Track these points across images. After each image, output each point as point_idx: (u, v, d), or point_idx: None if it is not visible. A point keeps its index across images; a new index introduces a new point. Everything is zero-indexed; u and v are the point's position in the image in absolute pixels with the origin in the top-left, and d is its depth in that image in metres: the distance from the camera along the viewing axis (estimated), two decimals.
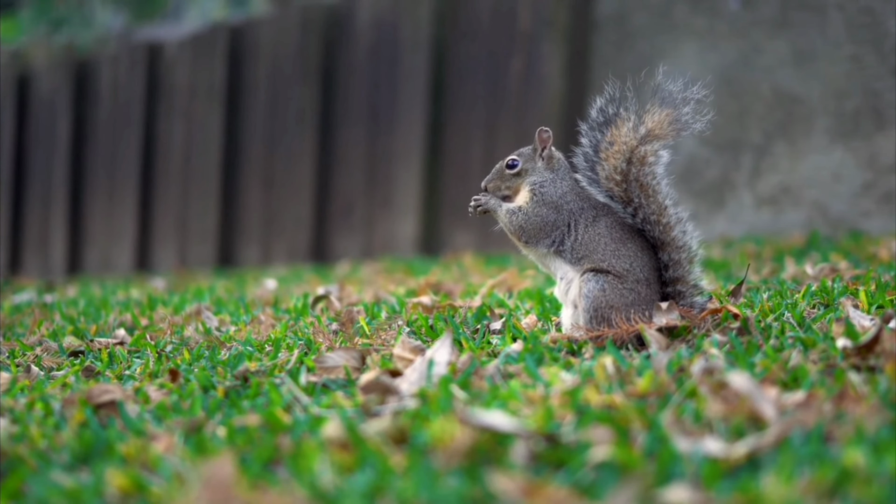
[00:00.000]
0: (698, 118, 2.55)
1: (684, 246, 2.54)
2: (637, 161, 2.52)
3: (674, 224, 2.53)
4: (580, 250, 2.48)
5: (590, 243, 2.47)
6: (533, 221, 2.51)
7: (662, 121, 2.53)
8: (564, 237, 2.49)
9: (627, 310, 2.40)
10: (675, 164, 5.49)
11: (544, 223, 2.50)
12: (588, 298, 2.41)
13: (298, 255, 6.93)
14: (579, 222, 2.50)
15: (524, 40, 6.00)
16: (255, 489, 1.46)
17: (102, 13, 10.22)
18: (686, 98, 2.55)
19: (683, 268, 2.54)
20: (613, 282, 2.42)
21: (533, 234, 2.51)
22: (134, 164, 7.91)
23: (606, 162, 2.54)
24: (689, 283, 2.54)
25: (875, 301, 2.53)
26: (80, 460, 1.75)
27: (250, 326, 3.17)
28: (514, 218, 2.52)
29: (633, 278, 2.44)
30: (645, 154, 2.52)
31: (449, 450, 1.54)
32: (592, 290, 2.41)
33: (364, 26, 6.70)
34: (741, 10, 5.33)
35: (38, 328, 3.45)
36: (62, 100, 8.35)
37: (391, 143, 6.53)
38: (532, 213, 2.51)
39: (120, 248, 7.97)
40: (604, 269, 2.44)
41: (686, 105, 2.54)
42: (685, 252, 2.54)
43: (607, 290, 2.41)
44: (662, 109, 2.54)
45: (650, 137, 2.52)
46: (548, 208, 2.51)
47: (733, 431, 1.58)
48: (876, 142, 4.92)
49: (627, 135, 2.52)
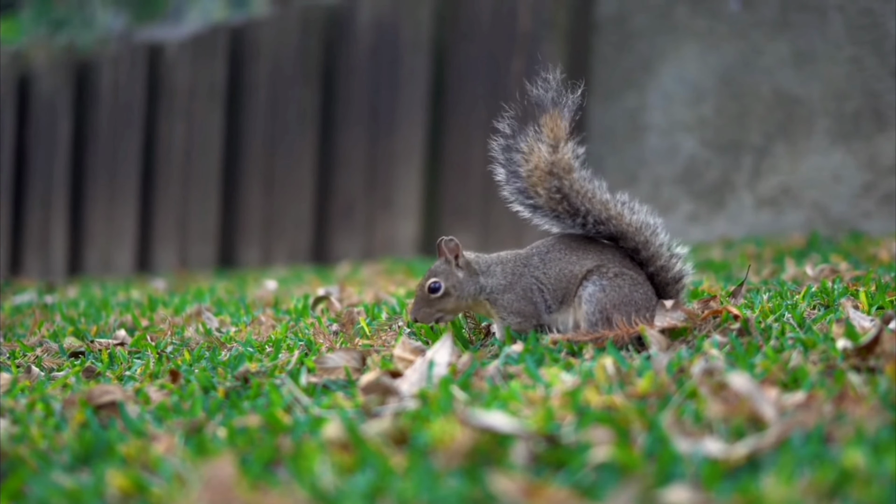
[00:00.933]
0: (572, 97, 2.51)
1: (644, 225, 2.53)
2: (563, 171, 2.50)
3: (624, 212, 2.52)
4: (558, 288, 2.47)
5: (560, 277, 2.47)
6: (523, 322, 2.47)
7: (554, 123, 2.51)
8: (546, 299, 2.48)
9: (630, 298, 2.41)
10: (676, 166, 5.52)
11: (527, 312, 2.47)
12: (591, 302, 2.41)
13: (299, 255, 6.93)
14: (539, 278, 2.48)
15: (524, 41, 6.00)
16: (256, 490, 1.46)
17: (103, 14, 10.22)
18: (554, 90, 2.51)
19: (657, 249, 2.52)
20: (613, 280, 2.43)
21: (530, 324, 2.48)
22: (134, 165, 7.91)
23: (540, 188, 2.51)
24: (666, 254, 2.52)
25: (875, 302, 2.54)
26: (80, 461, 1.75)
27: (251, 327, 3.18)
28: (513, 327, 2.48)
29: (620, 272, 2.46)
30: (565, 160, 2.50)
31: (449, 450, 1.54)
32: (594, 294, 2.41)
33: (364, 27, 6.70)
34: (741, 12, 5.33)
35: (38, 329, 3.45)
36: (63, 100, 8.36)
37: (392, 143, 6.54)
38: (515, 315, 2.47)
39: (120, 248, 7.97)
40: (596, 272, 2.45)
41: (560, 95, 2.51)
42: (649, 230, 2.53)
43: (607, 290, 2.41)
44: (546, 115, 2.51)
45: (556, 143, 2.51)
46: (518, 302, 2.47)
47: (733, 432, 1.58)
48: (876, 143, 4.92)
49: (539, 154, 2.50)
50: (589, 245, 2.52)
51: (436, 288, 2.45)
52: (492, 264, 2.51)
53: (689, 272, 2.56)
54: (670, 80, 5.56)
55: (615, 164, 5.74)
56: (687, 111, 5.51)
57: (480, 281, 2.48)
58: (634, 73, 5.69)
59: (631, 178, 5.68)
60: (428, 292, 2.46)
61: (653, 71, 5.63)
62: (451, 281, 2.46)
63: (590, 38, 5.84)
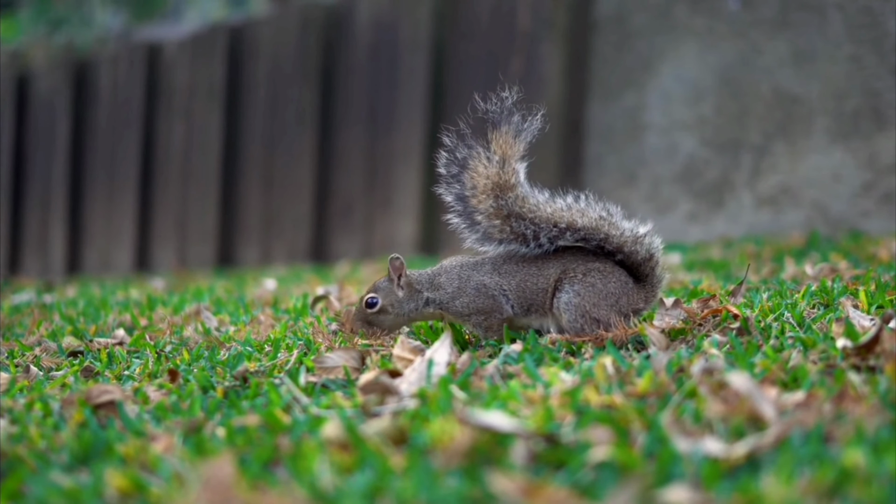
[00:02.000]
0: (531, 119, 2.47)
1: (599, 222, 2.47)
2: (506, 190, 2.47)
3: (575, 218, 2.47)
4: (522, 297, 2.46)
5: (521, 289, 2.46)
6: (488, 318, 2.46)
7: (505, 140, 2.47)
8: (508, 299, 2.46)
9: (610, 293, 2.41)
10: (675, 165, 5.52)
11: (487, 307, 2.45)
12: (569, 310, 2.40)
13: (298, 255, 6.93)
14: (497, 281, 2.46)
15: (524, 41, 6.00)
16: (255, 490, 1.46)
17: (102, 13, 10.22)
18: (508, 107, 2.46)
19: (620, 239, 2.47)
20: (588, 279, 2.42)
21: (495, 319, 2.46)
22: (133, 165, 7.91)
23: (481, 206, 2.48)
24: (630, 237, 2.48)
25: (875, 301, 2.53)
26: (79, 461, 1.75)
27: (250, 327, 3.17)
28: (480, 327, 2.47)
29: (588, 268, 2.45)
30: (508, 178, 2.47)
31: (448, 450, 1.54)
32: (570, 301, 2.41)
33: (364, 26, 6.70)
34: (741, 11, 5.33)
35: (37, 328, 3.45)
36: (61, 100, 8.35)
37: (391, 143, 6.54)
38: (476, 315, 2.46)
39: (119, 248, 7.97)
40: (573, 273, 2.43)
41: (513, 113, 2.46)
42: (606, 224, 2.48)
43: (582, 294, 2.40)
44: (498, 130, 2.47)
45: (505, 161, 2.47)
46: (474, 301, 2.46)
47: (733, 432, 1.58)
48: (876, 142, 4.92)
49: (486, 171, 2.47)
50: (548, 254, 2.49)
51: (372, 303, 2.49)
52: (435, 276, 2.51)
53: (658, 246, 2.52)
54: (670, 80, 5.56)
55: (615, 163, 5.74)
56: (686, 110, 5.51)
57: (426, 296, 2.49)
58: (634, 72, 5.69)
59: (630, 177, 5.68)
60: (365, 307, 2.50)
61: (652, 70, 5.62)
62: (390, 299, 2.49)
63: (589, 38, 5.84)
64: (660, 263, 2.53)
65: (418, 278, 2.51)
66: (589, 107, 5.85)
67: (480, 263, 2.51)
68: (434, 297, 2.49)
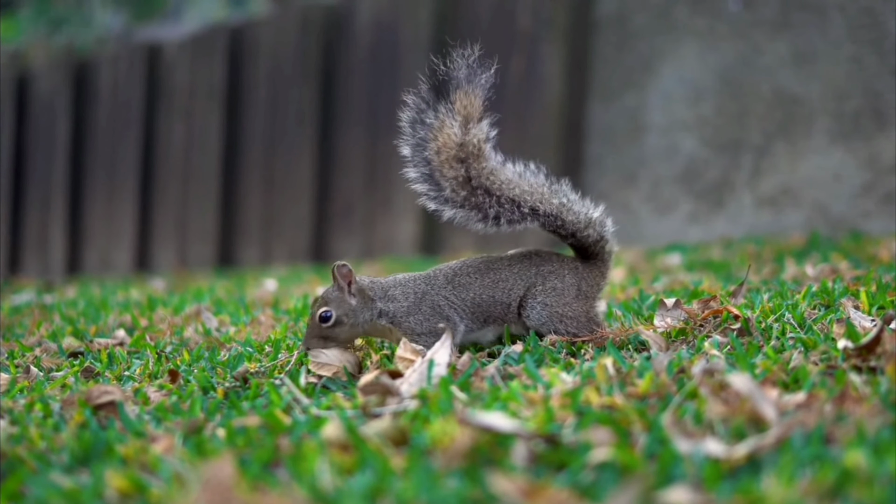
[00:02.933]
0: (487, 73, 2.39)
1: (558, 210, 2.43)
2: (473, 157, 2.38)
3: (538, 206, 2.42)
4: (477, 312, 2.40)
5: (477, 303, 2.40)
6: (430, 339, 2.33)
7: (468, 100, 2.38)
8: (462, 317, 2.39)
9: (576, 297, 2.40)
10: (676, 166, 5.51)
11: (440, 330, 2.33)
12: (541, 321, 2.39)
13: (298, 255, 6.93)
14: (448, 297, 2.39)
15: (524, 41, 6.00)
16: (255, 490, 1.46)
17: (102, 14, 10.22)
18: (470, 66, 2.38)
19: (575, 226, 2.45)
20: (550, 287, 2.40)
21: (432, 336, 2.34)
22: (133, 165, 7.91)
23: (447, 171, 2.40)
24: (582, 221, 2.46)
25: (876, 302, 2.53)
26: (79, 461, 1.75)
27: (250, 327, 3.17)
28: (418, 340, 2.35)
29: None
30: (476, 143, 2.38)
31: (449, 451, 1.53)
32: (541, 314, 2.39)
33: (364, 27, 6.70)
34: (741, 11, 5.33)
35: (37, 329, 3.45)
36: (61, 100, 8.35)
37: (391, 143, 6.51)
38: (427, 336, 2.34)
39: (119, 248, 7.96)
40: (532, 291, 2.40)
41: (475, 72, 2.38)
42: (564, 210, 2.44)
43: (549, 304, 2.39)
44: (460, 91, 2.38)
45: (469, 122, 2.38)
46: (427, 321, 2.36)
47: (734, 432, 1.57)
48: (876, 142, 4.92)
49: (450, 131, 2.37)
50: (500, 265, 2.45)
51: (326, 317, 2.30)
52: (390, 288, 2.38)
53: (609, 228, 2.49)
54: (670, 80, 5.56)
55: (615, 163, 5.74)
56: (687, 111, 5.51)
57: (378, 306, 2.34)
58: (634, 72, 5.69)
59: (631, 177, 5.68)
60: (319, 321, 2.30)
61: (652, 70, 5.62)
62: (343, 309, 2.31)
63: (589, 38, 5.84)
64: (609, 241, 2.51)
65: (370, 286, 2.37)
66: (589, 107, 5.85)
67: (433, 277, 2.42)
68: (387, 310, 2.35)
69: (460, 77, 2.38)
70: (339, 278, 2.32)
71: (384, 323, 2.36)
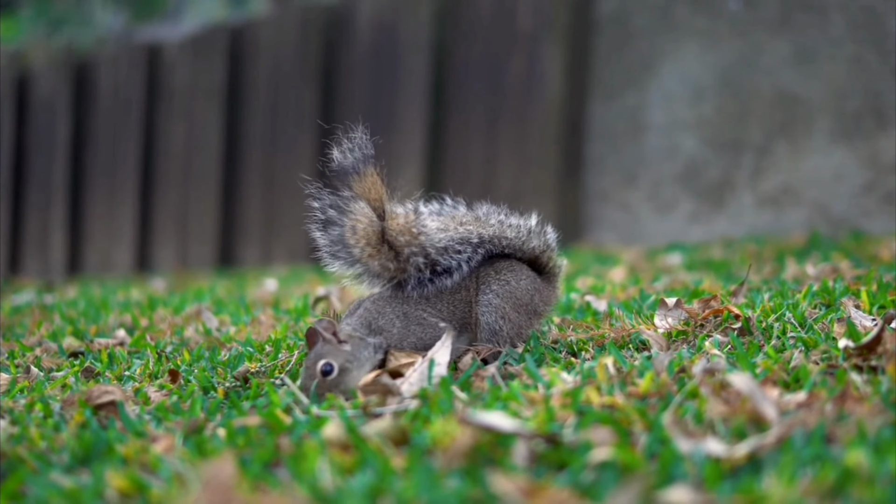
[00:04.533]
0: (365, 147, 2.32)
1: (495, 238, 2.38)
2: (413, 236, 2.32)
3: (472, 236, 2.36)
4: (453, 319, 2.33)
5: (454, 307, 2.33)
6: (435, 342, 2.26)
7: (369, 184, 2.33)
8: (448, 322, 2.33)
9: (527, 302, 2.34)
10: (676, 165, 5.51)
11: (434, 333, 2.27)
12: (490, 314, 2.32)
13: (299, 255, 6.93)
14: (427, 310, 2.31)
15: (524, 41, 6.00)
16: (256, 490, 1.46)
17: (102, 14, 10.22)
18: (353, 150, 2.32)
19: (514, 246, 2.40)
20: (503, 288, 2.34)
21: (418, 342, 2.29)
22: (133, 165, 7.91)
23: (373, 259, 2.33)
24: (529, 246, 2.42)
25: (877, 301, 2.53)
26: (79, 461, 1.75)
27: (250, 327, 3.17)
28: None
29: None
30: (401, 228, 2.33)
31: (450, 451, 1.53)
32: (489, 307, 2.32)
33: (364, 27, 6.70)
34: (742, 11, 5.33)
35: (37, 329, 3.45)
36: (61, 100, 8.35)
37: (391, 143, 6.53)
38: (427, 342, 2.27)
39: (120, 248, 7.97)
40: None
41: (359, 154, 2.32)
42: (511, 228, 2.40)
43: (500, 306, 2.32)
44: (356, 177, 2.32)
45: (374, 203, 2.33)
46: (420, 335, 2.29)
47: (735, 432, 1.57)
48: (877, 142, 4.92)
49: (365, 219, 2.32)
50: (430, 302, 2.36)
51: (328, 370, 2.18)
52: (370, 322, 2.29)
53: (552, 239, 2.44)
54: (671, 80, 5.56)
55: (615, 163, 5.74)
56: (687, 110, 5.51)
57: (371, 342, 2.26)
58: (635, 72, 5.69)
59: (631, 177, 5.68)
60: (322, 377, 2.17)
61: (653, 70, 5.62)
62: (343, 357, 2.20)
63: (590, 38, 5.84)
64: (555, 250, 2.46)
65: (353, 329, 2.28)
66: (589, 107, 5.85)
67: (402, 296, 2.35)
68: (380, 343, 2.27)
69: (351, 164, 2.32)
70: (322, 335, 2.21)
71: (384, 355, 2.28)
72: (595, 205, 5.73)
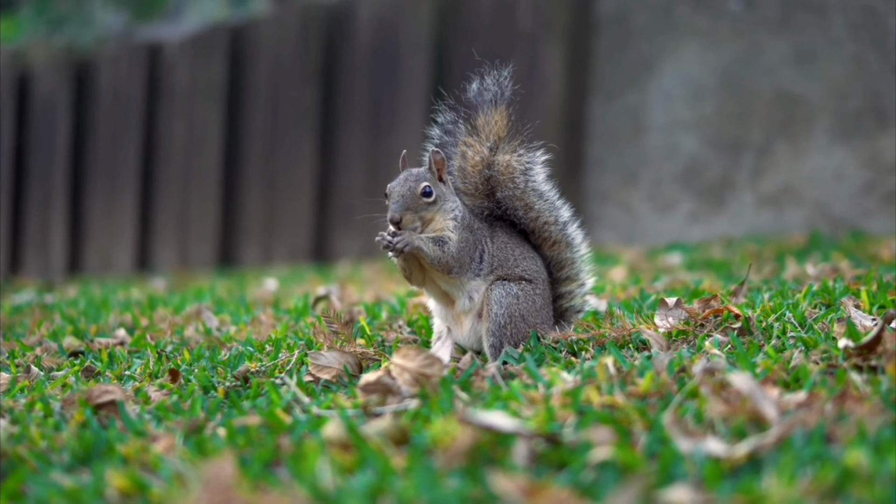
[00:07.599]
0: (507, 87, 2.41)
1: (574, 243, 2.49)
2: (502, 173, 2.39)
3: (567, 220, 2.48)
4: (494, 263, 2.36)
5: (499, 254, 2.37)
6: (462, 249, 2.28)
7: (494, 121, 2.39)
8: (483, 256, 2.35)
9: (538, 313, 2.37)
10: (676, 165, 5.51)
11: (468, 248, 2.30)
12: (501, 305, 2.33)
13: (299, 254, 6.93)
14: (486, 237, 2.36)
15: (524, 40, 6.00)
16: (256, 490, 1.46)
17: (102, 13, 10.22)
18: (489, 86, 2.41)
19: (576, 266, 2.49)
20: (526, 287, 2.37)
21: (464, 262, 2.30)
22: (134, 164, 7.91)
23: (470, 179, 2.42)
24: (580, 280, 2.50)
25: (877, 301, 2.53)
26: (80, 461, 1.75)
27: (251, 327, 3.17)
28: (446, 249, 2.28)
29: (542, 279, 2.41)
30: (507, 163, 2.40)
31: (450, 450, 1.53)
32: (505, 298, 2.33)
33: (364, 26, 6.70)
34: (742, 10, 5.32)
35: (38, 328, 3.45)
36: (62, 100, 8.35)
37: (391, 142, 6.53)
38: (459, 241, 2.28)
39: (120, 247, 7.97)
40: (517, 274, 2.37)
41: (496, 91, 2.40)
42: (576, 249, 2.50)
43: (521, 297, 2.35)
44: (484, 113, 2.39)
45: (498, 142, 2.40)
46: (467, 232, 2.32)
47: (735, 432, 1.57)
48: (877, 141, 4.92)
49: (477, 155, 2.39)
50: (525, 242, 2.47)
51: (429, 192, 2.23)
52: (461, 200, 2.37)
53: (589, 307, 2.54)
54: (671, 79, 5.56)
55: (616, 163, 5.74)
56: (687, 110, 5.51)
57: (456, 200, 2.32)
58: (635, 71, 5.69)
59: (631, 177, 5.68)
60: (420, 195, 2.23)
61: (653, 70, 5.62)
62: (438, 190, 2.26)
63: (590, 38, 5.84)
64: (581, 312, 2.53)
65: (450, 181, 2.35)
66: (590, 107, 5.85)
67: (474, 220, 2.40)
68: (454, 208, 2.30)
69: (477, 98, 2.41)
70: (432, 163, 2.28)
71: (441, 224, 2.29)
72: (595, 204, 5.73)
